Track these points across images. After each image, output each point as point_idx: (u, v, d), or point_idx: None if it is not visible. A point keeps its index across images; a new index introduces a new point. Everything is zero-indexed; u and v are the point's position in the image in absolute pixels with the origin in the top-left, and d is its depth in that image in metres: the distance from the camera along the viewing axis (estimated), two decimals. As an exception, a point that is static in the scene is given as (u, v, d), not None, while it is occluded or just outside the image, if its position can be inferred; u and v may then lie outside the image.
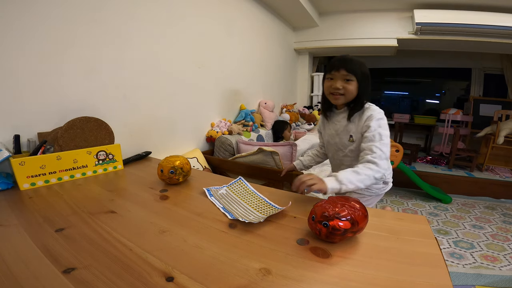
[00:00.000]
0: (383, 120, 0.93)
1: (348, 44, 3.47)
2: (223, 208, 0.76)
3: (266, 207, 0.77)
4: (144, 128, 1.50)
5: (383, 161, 0.85)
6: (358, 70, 0.93)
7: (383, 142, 0.88)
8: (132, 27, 1.35)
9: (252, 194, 0.86)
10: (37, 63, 1.00)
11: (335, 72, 0.95)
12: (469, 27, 2.74)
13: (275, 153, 1.56)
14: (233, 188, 0.91)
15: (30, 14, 0.96)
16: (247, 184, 0.93)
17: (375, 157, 0.84)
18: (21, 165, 0.85)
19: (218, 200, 0.82)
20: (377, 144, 0.87)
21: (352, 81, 0.94)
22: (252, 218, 0.69)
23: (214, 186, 0.91)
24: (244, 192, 0.89)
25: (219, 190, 0.89)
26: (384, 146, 0.87)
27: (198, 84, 1.89)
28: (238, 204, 0.80)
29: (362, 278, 0.48)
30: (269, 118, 2.67)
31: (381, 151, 0.86)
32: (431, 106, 4.74)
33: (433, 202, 2.63)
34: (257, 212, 0.75)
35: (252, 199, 0.83)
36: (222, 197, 0.85)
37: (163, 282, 0.46)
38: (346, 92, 0.94)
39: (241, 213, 0.73)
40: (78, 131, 1.03)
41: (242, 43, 2.43)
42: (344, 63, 0.94)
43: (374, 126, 0.90)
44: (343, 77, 0.94)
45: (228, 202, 0.81)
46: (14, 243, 0.56)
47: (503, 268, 1.61)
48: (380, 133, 0.89)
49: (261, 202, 0.81)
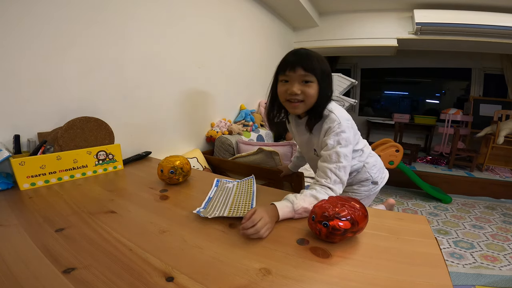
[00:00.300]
0: (344, 133, 0.78)
1: (348, 44, 3.46)
2: (208, 198, 0.79)
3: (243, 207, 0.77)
4: (144, 128, 1.50)
5: (338, 185, 0.76)
6: (318, 67, 0.76)
7: (339, 165, 0.76)
8: (132, 27, 1.35)
9: (249, 194, 0.85)
10: (37, 63, 1.00)
11: (290, 72, 0.78)
12: (469, 27, 2.74)
13: (275, 153, 1.56)
14: (241, 185, 0.92)
15: (30, 15, 0.96)
16: (254, 185, 0.92)
17: (329, 183, 0.75)
18: (21, 165, 0.85)
19: (214, 191, 0.84)
20: (332, 167, 0.75)
21: (312, 82, 0.77)
22: (215, 213, 0.70)
23: (227, 179, 0.94)
24: (245, 190, 0.88)
25: (228, 184, 0.91)
26: (341, 170, 0.76)
27: (198, 84, 1.89)
28: (228, 199, 0.81)
29: (362, 278, 0.48)
30: (269, 118, 2.67)
31: (336, 175, 0.75)
32: (431, 106, 4.74)
33: (433, 202, 2.63)
34: (229, 208, 0.75)
35: (243, 198, 0.83)
36: (224, 190, 0.86)
37: (163, 282, 0.46)
38: (306, 97, 0.78)
39: (218, 208, 0.74)
40: (78, 131, 1.03)
41: (242, 43, 2.43)
42: (301, 59, 0.77)
43: (331, 143, 0.78)
44: (300, 78, 0.77)
45: (223, 196, 0.82)
46: (14, 243, 0.56)
47: (503, 268, 1.61)
48: (337, 152, 0.76)
49: (245, 203, 0.79)
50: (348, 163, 0.78)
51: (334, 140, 0.78)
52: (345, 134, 0.78)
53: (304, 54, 0.79)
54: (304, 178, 1.41)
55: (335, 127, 0.78)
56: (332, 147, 0.77)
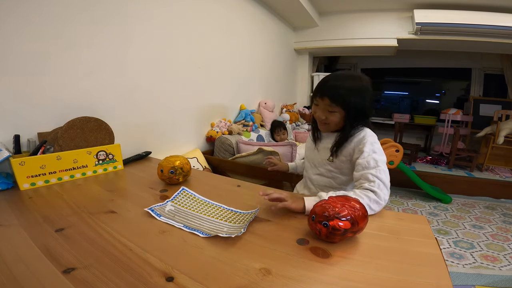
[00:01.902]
0: (378, 144, 0.83)
1: (348, 44, 3.47)
2: (186, 226, 0.64)
3: (232, 214, 0.72)
4: (144, 128, 1.50)
5: (383, 189, 0.74)
6: (345, 99, 0.81)
7: (379, 169, 0.77)
8: (132, 27, 1.35)
9: (205, 204, 0.78)
10: (37, 63, 1.00)
11: (319, 99, 0.86)
12: (469, 27, 2.74)
13: (275, 153, 1.56)
14: (179, 201, 0.79)
15: (30, 14, 0.96)
16: (193, 193, 0.83)
17: (373, 186, 0.74)
18: (21, 165, 0.85)
19: (171, 218, 0.68)
20: (372, 171, 0.76)
21: (336, 112, 0.84)
22: (227, 231, 0.63)
23: (156, 204, 0.75)
24: (194, 203, 0.79)
25: (165, 207, 0.74)
26: (382, 173, 0.76)
27: (198, 84, 1.89)
28: (198, 218, 0.70)
29: (362, 278, 0.48)
30: (269, 118, 2.67)
31: (379, 179, 0.75)
32: (431, 106, 4.74)
33: (433, 202, 2.63)
34: (227, 222, 0.68)
35: (208, 209, 0.76)
36: (173, 214, 0.71)
37: (163, 282, 0.46)
38: (330, 122, 0.87)
39: (211, 228, 0.65)
40: (78, 131, 1.03)
41: (242, 43, 2.43)
42: (330, 90, 0.83)
43: (367, 151, 0.80)
44: (326, 107, 0.85)
45: (185, 218, 0.69)
46: (14, 243, 0.56)
47: (503, 268, 1.61)
48: (375, 158, 0.79)
49: (221, 210, 0.75)
50: (387, 170, 0.79)
51: (370, 148, 0.81)
52: (379, 145, 0.84)
53: (333, 85, 0.84)
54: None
55: (370, 138, 0.84)
56: (368, 155, 0.80)
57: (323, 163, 0.94)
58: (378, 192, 0.72)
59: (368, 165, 0.78)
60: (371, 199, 0.71)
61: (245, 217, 0.70)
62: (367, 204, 0.69)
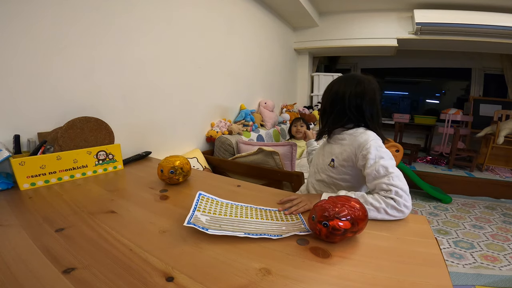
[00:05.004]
0: (383, 148, 0.79)
1: (348, 44, 3.47)
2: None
3: (266, 213, 0.72)
4: (144, 128, 1.50)
5: (403, 197, 0.69)
6: (324, 101, 0.95)
7: (392, 175, 0.72)
8: (132, 27, 1.35)
9: (233, 206, 0.75)
10: (37, 63, 1.00)
11: None
12: (469, 27, 2.74)
13: (275, 153, 1.56)
14: (205, 208, 0.71)
15: (30, 14, 0.96)
16: (213, 197, 0.78)
17: (390, 194, 0.70)
18: (21, 165, 0.85)
19: (218, 229, 0.60)
20: (385, 181, 0.72)
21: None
22: (276, 230, 0.63)
23: (188, 217, 0.63)
24: (222, 207, 0.74)
25: (200, 218, 0.64)
26: (395, 179, 0.71)
27: (198, 83, 1.89)
28: (241, 222, 0.66)
29: (362, 278, 0.48)
30: (269, 118, 2.67)
31: (394, 186, 0.70)
32: (431, 106, 4.74)
33: (433, 202, 2.63)
34: (269, 220, 0.68)
35: (240, 211, 0.73)
36: (215, 223, 0.64)
37: (163, 282, 0.46)
38: None
39: (257, 228, 0.63)
40: (78, 131, 1.03)
41: (242, 43, 2.43)
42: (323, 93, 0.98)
43: (373, 158, 0.77)
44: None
45: (231, 225, 0.64)
46: (14, 243, 0.56)
47: (503, 268, 1.61)
48: (384, 165, 0.74)
49: (251, 210, 0.74)
50: (400, 173, 0.74)
51: (375, 154, 0.77)
52: (384, 148, 0.80)
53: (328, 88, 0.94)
54: (304, 178, 1.41)
55: (373, 141, 0.79)
56: (375, 162, 0.76)
57: (325, 168, 0.94)
58: (397, 199, 0.69)
59: (378, 174, 0.74)
60: (389, 204, 0.69)
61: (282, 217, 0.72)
62: (382, 208, 0.68)
